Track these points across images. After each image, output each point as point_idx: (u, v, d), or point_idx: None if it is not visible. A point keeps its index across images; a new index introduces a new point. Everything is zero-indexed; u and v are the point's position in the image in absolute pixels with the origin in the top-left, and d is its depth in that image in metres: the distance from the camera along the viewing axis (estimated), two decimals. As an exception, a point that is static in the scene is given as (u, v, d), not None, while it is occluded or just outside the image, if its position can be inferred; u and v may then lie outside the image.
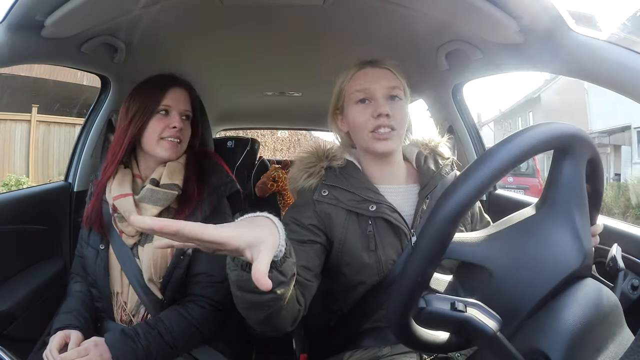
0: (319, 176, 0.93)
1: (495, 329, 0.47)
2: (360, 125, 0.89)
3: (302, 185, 0.94)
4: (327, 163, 0.95)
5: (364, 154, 0.96)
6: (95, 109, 1.48)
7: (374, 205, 0.88)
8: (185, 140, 1.06)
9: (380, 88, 0.89)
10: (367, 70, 0.92)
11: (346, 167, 0.95)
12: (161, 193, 0.99)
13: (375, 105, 0.88)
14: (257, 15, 1.16)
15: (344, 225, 0.90)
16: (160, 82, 1.05)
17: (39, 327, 1.19)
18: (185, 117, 1.06)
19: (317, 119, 2.73)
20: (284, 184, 2.46)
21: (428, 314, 0.48)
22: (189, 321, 0.97)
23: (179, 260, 0.99)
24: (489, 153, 0.48)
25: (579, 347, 0.48)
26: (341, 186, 0.91)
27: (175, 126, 1.01)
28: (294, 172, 0.97)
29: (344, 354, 0.94)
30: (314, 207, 0.91)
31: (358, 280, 0.91)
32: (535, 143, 0.49)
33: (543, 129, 0.51)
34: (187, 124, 1.07)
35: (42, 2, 0.88)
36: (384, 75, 0.90)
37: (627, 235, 0.94)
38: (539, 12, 0.85)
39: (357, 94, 0.90)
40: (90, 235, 1.05)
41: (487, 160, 0.47)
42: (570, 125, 0.54)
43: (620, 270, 0.64)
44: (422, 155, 0.99)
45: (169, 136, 1.01)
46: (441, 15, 1.04)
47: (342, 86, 0.94)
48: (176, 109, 1.03)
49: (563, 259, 0.54)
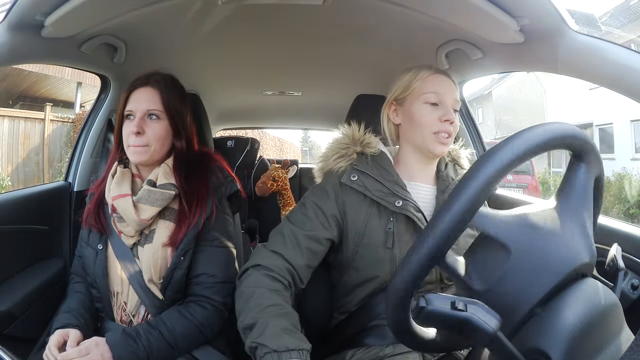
0: (350, 159, 0.96)
1: (495, 328, 0.47)
2: (426, 124, 0.93)
3: (332, 166, 0.97)
4: (360, 148, 0.97)
5: (410, 150, 0.98)
6: (95, 108, 1.48)
7: (401, 200, 0.90)
8: (153, 141, 1.00)
9: (450, 98, 0.94)
10: (441, 77, 0.96)
11: (378, 157, 0.97)
12: (158, 193, 0.99)
13: (444, 110, 0.92)
14: (257, 15, 1.16)
15: (364, 219, 0.92)
16: (129, 86, 1.02)
17: (39, 327, 1.19)
18: (151, 116, 1.00)
19: (317, 118, 2.74)
20: (284, 183, 2.46)
21: (428, 313, 0.48)
22: (190, 321, 0.97)
23: (180, 260, 0.99)
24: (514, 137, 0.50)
25: (579, 346, 0.48)
26: (371, 174, 0.93)
27: (132, 131, 0.97)
28: (327, 151, 1.00)
29: (345, 352, 0.94)
30: (338, 196, 0.94)
31: (370, 275, 0.92)
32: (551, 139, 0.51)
33: (565, 127, 0.53)
34: (155, 123, 1.01)
35: (42, 2, 0.88)
36: (452, 87, 0.96)
37: (627, 235, 0.94)
38: (539, 12, 0.85)
39: (430, 96, 0.93)
40: (90, 235, 1.05)
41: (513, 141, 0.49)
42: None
43: (621, 270, 0.64)
44: (444, 162, 1.03)
45: (131, 143, 0.99)
46: (441, 15, 1.04)
47: (412, 82, 0.96)
48: (138, 111, 0.99)
49: (576, 250, 0.55)
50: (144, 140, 0.99)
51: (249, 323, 0.77)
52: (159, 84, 1.02)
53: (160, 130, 1.01)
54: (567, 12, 0.83)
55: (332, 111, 2.26)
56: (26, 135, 7.07)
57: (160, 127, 1.01)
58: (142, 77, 1.03)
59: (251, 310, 0.79)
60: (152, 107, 1.00)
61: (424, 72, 0.96)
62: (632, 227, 0.97)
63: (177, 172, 1.03)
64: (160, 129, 1.01)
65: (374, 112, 1.08)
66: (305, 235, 0.90)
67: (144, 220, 0.98)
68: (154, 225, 1.01)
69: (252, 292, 0.83)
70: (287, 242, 0.90)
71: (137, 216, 0.97)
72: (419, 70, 0.97)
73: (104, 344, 0.89)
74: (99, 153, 1.48)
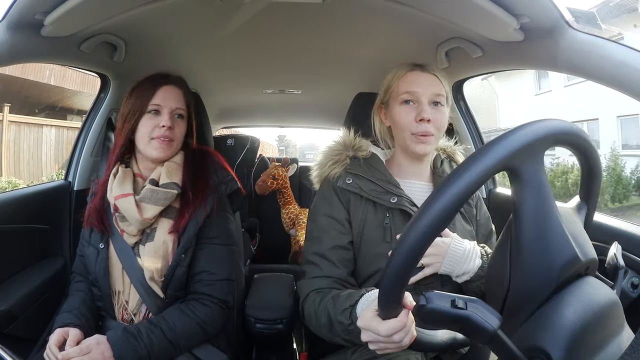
0: (344, 164, 0.99)
1: (495, 327, 0.47)
2: (403, 125, 0.94)
3: (328, 172, 0.99)
4: (352, 153, 1.00)
5: (399, 150, 1.01)
6: (95, 107, 1.48)
7: (395, 197, 0.92)
8: (177, 139, 1.04)
9: (425, 93, 0.93)
10: (417, 73, 0.95)
11: (370, 159, 0.99)
12: (161, 193, 0.99)
13: (418, 109, 0.92)
14: (257, 13, 1.15)
15: (362, 217, 0.94)
16: (151, 81, 1.04)
17: (39, 326, 1.19)
18: (177, 115, 1.04)
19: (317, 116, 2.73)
20: (284, 181, 2.46)
21: (428, 312, 0.48)
22: (192, 319, 0.97)
23: (181, 258, 0.99)
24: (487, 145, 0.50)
25: (579, 345, 0.48)
26: (365, 176, 0.95)
27: (164, 125, 1.00)
28: (322, 159, 1.02)
29: (346, 350, 0.95)
30: (340, 199, 0.96)
31: (371, 271, 0.93)
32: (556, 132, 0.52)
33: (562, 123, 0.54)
34: (181, 122, 1.05)
35: (41, 1, 0.87)
36: (431, 80, 0.94)
37: (627, 234, 0.95)
38: (539, 10, 0.85)
39: (403, 95, 0.94)
40: (91, 235, 1.05)
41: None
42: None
43: (621, 269, 0.64)
44: (440, 159, 1.04)
45: (158, 135, 1.01)
46: (441, 13, 1.03)
47: (391, 83, 0.98)
48: (167, 107, 1.02)
49: (577, 249, 0.55)
50: (172, 135, 1.02)
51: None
52: (182, 84, 1.07)
53: (183, 128, 1.06)
54: (567, 10, 0.82)
55: (332, 109, 2.26)
56: (68, 141, 8.39)
57: (183, 126, 1.06)
58: (161, 74, 1.06)
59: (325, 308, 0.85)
60: (179, 105, 1.04)
61: (401, 71, 0.97)
62: (632, 226, 0.98)
63: (187, 170, 1.05)
64: (183, 127, 1.06)
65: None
66: (329, 249, 0.93)
67: (147, 219, 0.98)
68: (155, 224, 1.01)
69: (318, 302, 0.88)
70: (319, 263, 0.93)
71: (140, 216, 0.97)
72: (397, 69, 0.98)
73: (105, 342, 0.89)
74: (99, 152, 1.47)
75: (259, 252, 2.29)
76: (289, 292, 1.34)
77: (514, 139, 0.49)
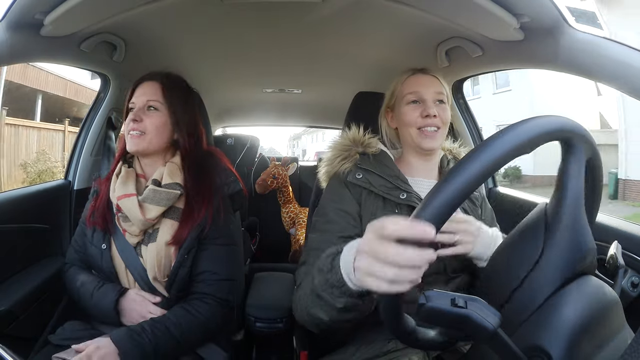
0: (353, 160, 1.00)
1: (495, 325, 0.47)
2: (410, 122, 0.98)
3: (337, 168, 1.00)
4: (362, 149, 1.02)
5: (407, 148, 1.04)
6: (95, 107, 1.48)
7: (405, 193, 0.94)
8: (149, 130, 1.01)
9: (429, 92, 0.99)
10: (418, 76, 1.02)
11: (379, 155, 1.02)
12: (164, 193, 0.99)
13: (424, 106, 0.97)
14: (257, 13, 1.15)
15: (372, 212, 0.95)
16: (135, 82, 1.06)
17: (39, 326, 1.19)
18: (149, 107, 1.02)
19: (317, 115, 2.73)
20: (284, 180, 2.46)
21: (428, 310, 0.48)
22: (195, 317, 0.97)
23: (184, 259, 0.99)
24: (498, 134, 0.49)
25: (579, 344, 0.48)
26: (375, 171, 0.97)
27: (132, 119, 1.01)
28: (331, 155, 1.03)
29: (347, 349, 0.95)
30: (352, 193, 0.96)
31: None
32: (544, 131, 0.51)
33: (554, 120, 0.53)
34: (153, 113, 1.02)
35: (41, 1, 0.87)
36: (432, 81, 1.00)
37: (627, 233, 0.95)
38: (539, 10, 0.85)
39: (409, 96, 0.99)
40: (94, 234, 1.04)
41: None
42: (573, 121, 0.55)
43: (621, 268, 0.64)
44: (447, 159, 1.06)
45: (129, 130, 1.02)
46: (441, 13, 1.03)
47: (396, 87, 1.03)
48: (139, 103, 1.02)
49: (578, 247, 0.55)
50: (141, 128, 1.01)
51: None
52: (161, 78, 1.05)
53: (157, 120, 1.03)
54: (567, 10, 0.82)
55: (332, 108, 2.26)
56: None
57: (157, 117, 1.03)
58: (148, 74, 1.06)
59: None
60: (152, 98, 1.03)
61: (404, 76, 1.03)
62: (632, 225, 0.98)
63: (187, 171, 1.04)
64: (157, 119, 1.03)
65: (373, 109, 1.08)
66: (338, 239, 0.89)
67: (150, 219, 0.98)
68: (157, 224, 1.01)
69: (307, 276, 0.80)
70: (322, 249, 0.89)
71: (142, 216, 0.97)
72: (400, 75, 1.04)
73: (107, 345, 0.88)
74: (99, 151, 1.47)
75: (259, 251, 2.29)
76: (288, 292, 1.34)
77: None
